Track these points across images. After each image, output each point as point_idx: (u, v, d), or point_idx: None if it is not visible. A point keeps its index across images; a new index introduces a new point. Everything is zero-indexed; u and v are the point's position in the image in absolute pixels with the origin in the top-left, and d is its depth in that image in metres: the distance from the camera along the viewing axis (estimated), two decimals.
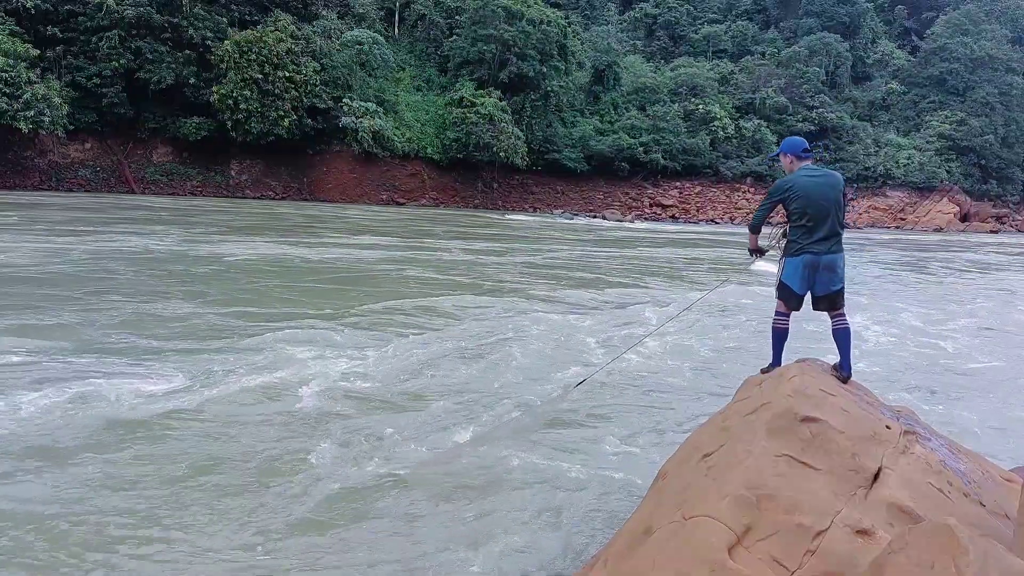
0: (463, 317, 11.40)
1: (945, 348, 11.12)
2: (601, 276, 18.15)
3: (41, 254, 15.55)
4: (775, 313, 4.72)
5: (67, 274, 13.37)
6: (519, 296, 13.88)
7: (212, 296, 12.01)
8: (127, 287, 12.37)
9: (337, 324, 10.21)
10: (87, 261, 15.12)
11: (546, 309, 12.48)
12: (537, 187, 59.65)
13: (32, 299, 10.83)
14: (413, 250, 21.64)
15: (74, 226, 22.07)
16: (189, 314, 10.43)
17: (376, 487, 5.08)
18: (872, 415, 3.66)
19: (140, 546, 4.14)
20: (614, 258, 23.45)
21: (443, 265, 18.38)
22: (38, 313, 9.87)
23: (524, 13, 55.00)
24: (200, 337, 9.09)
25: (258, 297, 12.37)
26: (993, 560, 2.10)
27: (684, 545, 2.89)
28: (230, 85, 45.72)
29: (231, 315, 10.53)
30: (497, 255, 21.77)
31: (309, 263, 17.17)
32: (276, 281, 14.11)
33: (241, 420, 6.20)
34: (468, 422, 6.47)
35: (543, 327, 10.75)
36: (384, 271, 16.79)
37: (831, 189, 4.44)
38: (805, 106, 65.72)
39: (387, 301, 12.37)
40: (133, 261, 15.58)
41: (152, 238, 20.05)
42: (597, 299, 14.16)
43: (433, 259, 19.62)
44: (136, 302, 11.04)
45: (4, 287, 11.72)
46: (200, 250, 18.06)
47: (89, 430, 5.77)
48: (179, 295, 11.86)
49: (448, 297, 13.09)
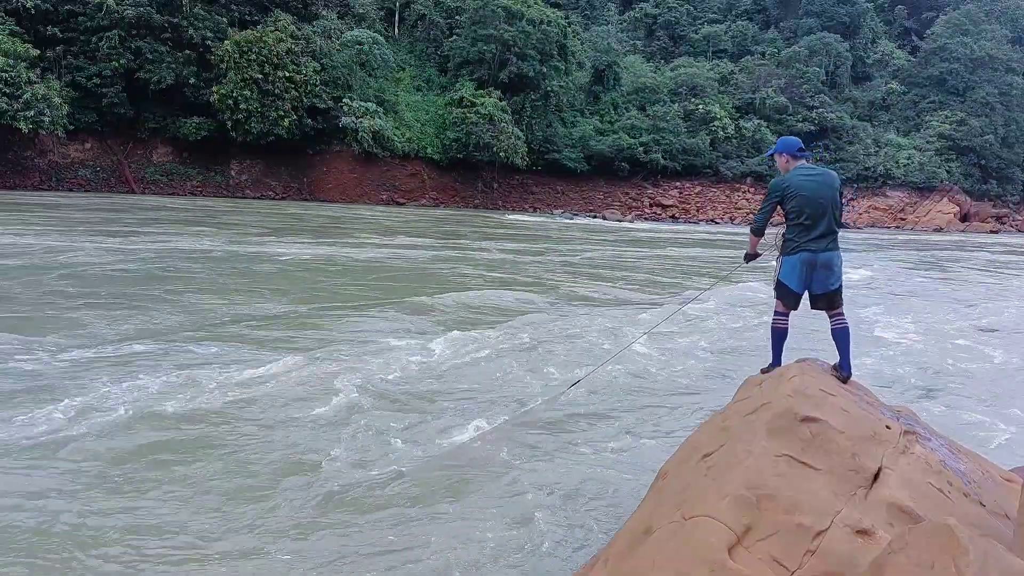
0: (525, 312, 12.12)
1: (948, 348, 11.12)
2: (650, 276, 18.77)
3: (109, 254, 16.24)
4: (774, 313, 4.72)
5: (150, 273, 14.13)
6: (571, 295, 14.64)
7: (294, 293, 12.83)
8: (212, 285, 13.25)
9: (420, 319, 10.99)
10: (157, 260, 15.90)
11: (600, 306, 13.16)
12: (537, 187, 59.65)
13: (133, 298, 11.41)
14: (455, 250, 22.53)
15: (111, 227, 22.75)
16: (286, 311, 11.18)
17: (375, 486, 5.08)
18: (872, 415, 3.66)
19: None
20: (650, 257, 24.06)
21: (492, 264, 19.23)
22: (143, 311, 10.40)
23: (524, 13, 55.01)
24: (303, 327, 10.05)
25: (335, 294, 13.16)
26: (993, 560, 2.10)
27: (684, 545, 2.89)
28: (230, 85, 45.73)
29: (322, 310, 11.36)
30: (533, 255, 22.50)
31: (361, 262, 18.02)
32: (342, 279, 14.99)
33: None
34: (487, 418, 6.55)
35: (596, 324, 11.20)
36: (439, 270, 17.53)
37: (828, 188, 4.46)
38: (805, 106, 65.73)
39: (460, 295, 13.25)
40: (198, 260, 16.32)
41: (199, 239, 20.72)
42: (655, 299, 14.66)
43: (480, 259, 20.48)
44: (231, 299, 11.88)
45: (98, 286, 12.39)
46: (250, 250, 18.82)
47: (223, 403, 6.49)
48: (265, 292, 12.67)
49: (509, 292, 14.04)
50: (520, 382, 7.85)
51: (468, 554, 4.26)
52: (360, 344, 9.05)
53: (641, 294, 15.43)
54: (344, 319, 10.74)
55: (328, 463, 5.42)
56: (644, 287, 16.63)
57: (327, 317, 10.88)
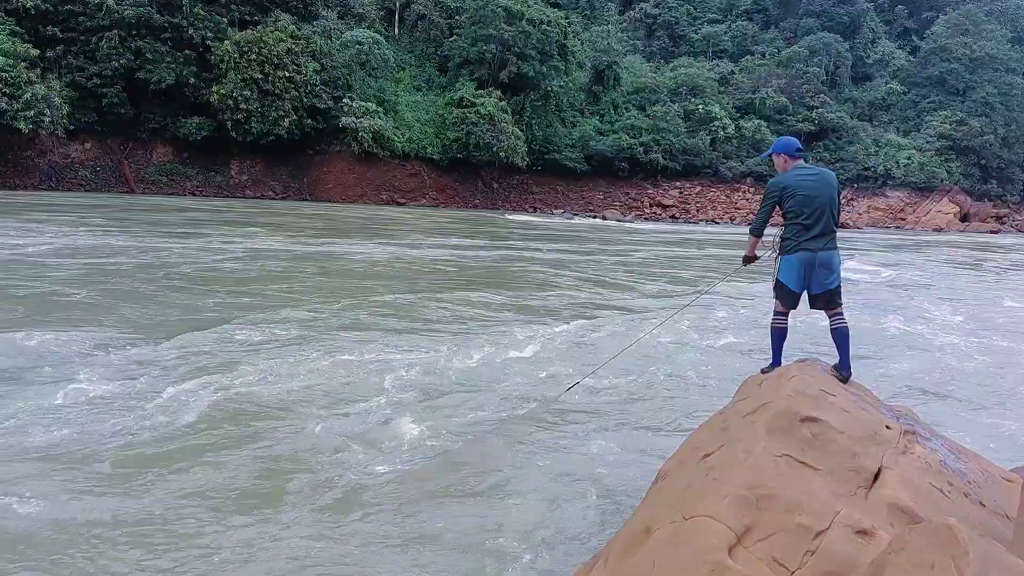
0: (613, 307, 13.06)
1: (950, 347, 11.11)
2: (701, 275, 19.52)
3: (201, 253, 17.15)
4: (773, 313, 4.73)
5: (264, 272, 14.94)
6: (640, 292, 15.37)
7: (417, 285, 14.01)
8: (327, 281, 14.14)
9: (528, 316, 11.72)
10: (250, 259, 16.70)
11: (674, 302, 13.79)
12: (537, 187, 59.64)
13: (266, 297, 12.16)
14: (511, 250, 23.45)
15: (167, 227, 23.59)
16: (413, 301, 12.08)
17: (376, 484, 5.08)
18: (872, 415, 3.66)
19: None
20: (706, 257, 24.77)
21: (556, 264, 20.01)
22: (277, 308, 11.00)
23: (524, 13, 55.00)
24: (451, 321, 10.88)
25: (449, 289, 13.92)
26: (993, 560, 2.10)
27: (684, 545, 2.89)
28: (230, 85, 45.73)
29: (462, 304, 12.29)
30: (582, 255, 23.23)
31: (433, 262, 18.82)
32: (433, 277, 15.84)
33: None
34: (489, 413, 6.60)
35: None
36: (518, 269, 18.48)
37: (826, 187, 4.48)
38: (805, 106, 65.71)
39: (554, 295, 14.06)
40: (286, 259, 17.26)
41: (266, 239, 21.63)
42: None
43: (539, 258, 21.30)
44: (354, 293, 12.78)
45: (226, 284, 13.14)
46: (321, 249, 19.79)
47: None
48: (379, 289, 13.46)
49: (590, 293, 14.81)
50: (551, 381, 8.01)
51: (468, 554, 4.26)
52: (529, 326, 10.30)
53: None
54: (483, 311, 11.75)
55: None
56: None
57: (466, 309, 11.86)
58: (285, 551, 4.18)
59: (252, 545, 4.22)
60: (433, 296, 12.70)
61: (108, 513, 4.49)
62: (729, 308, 13.59)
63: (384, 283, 14.37)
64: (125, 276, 13.24)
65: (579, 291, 14.89)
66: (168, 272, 13.91)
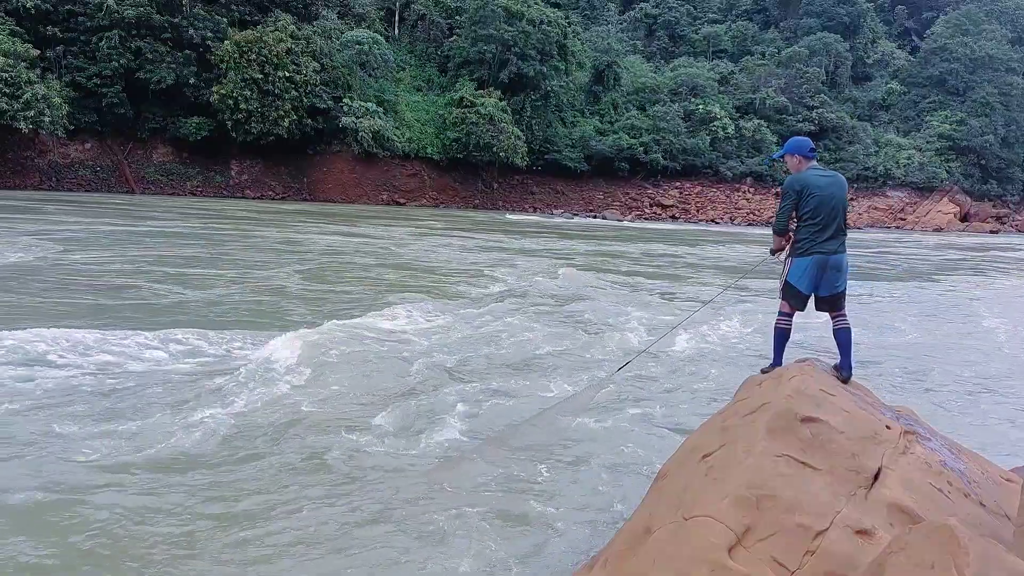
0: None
1: (950, 348, 11.11)
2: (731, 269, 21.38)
3: (285, 245, 19.87)
4: (778, 313, 4.72)
5: (371, 260, 17.87)
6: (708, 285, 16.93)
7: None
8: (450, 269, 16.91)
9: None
10: (338, 253, 19.14)
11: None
12: (537, 187, 59.62)
13: (406, 286, 14.16)
14: (556, 248, 25.36)
15: (223, 223, 25.53)
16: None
17: (375, 482, 5.08)
18: (872, 415, 3.66)
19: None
20: (741, 255, 26.22)
21: (612, 258, 22.19)
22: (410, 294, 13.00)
23: (524, 13, 54.98)
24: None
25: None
26: (993, 560, 2.10)
27: (684, 545, 2.89)
28: (230, 85, 45.71)
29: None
30: (613, 253, 24.68)
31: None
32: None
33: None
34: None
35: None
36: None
37: (839, 189, 4.48)
38: (805, 106, 65.66)
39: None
40: (370, 253, 19.78)
41: (327, 235, 24.09)
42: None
43: (572, 251, 23.78)
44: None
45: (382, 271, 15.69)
46: (390, 243, 22.55)
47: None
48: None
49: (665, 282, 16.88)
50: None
51: (467, 554, 4.26)
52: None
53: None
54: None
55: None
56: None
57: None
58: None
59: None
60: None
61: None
62: (731, 308, 13.59)
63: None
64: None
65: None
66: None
